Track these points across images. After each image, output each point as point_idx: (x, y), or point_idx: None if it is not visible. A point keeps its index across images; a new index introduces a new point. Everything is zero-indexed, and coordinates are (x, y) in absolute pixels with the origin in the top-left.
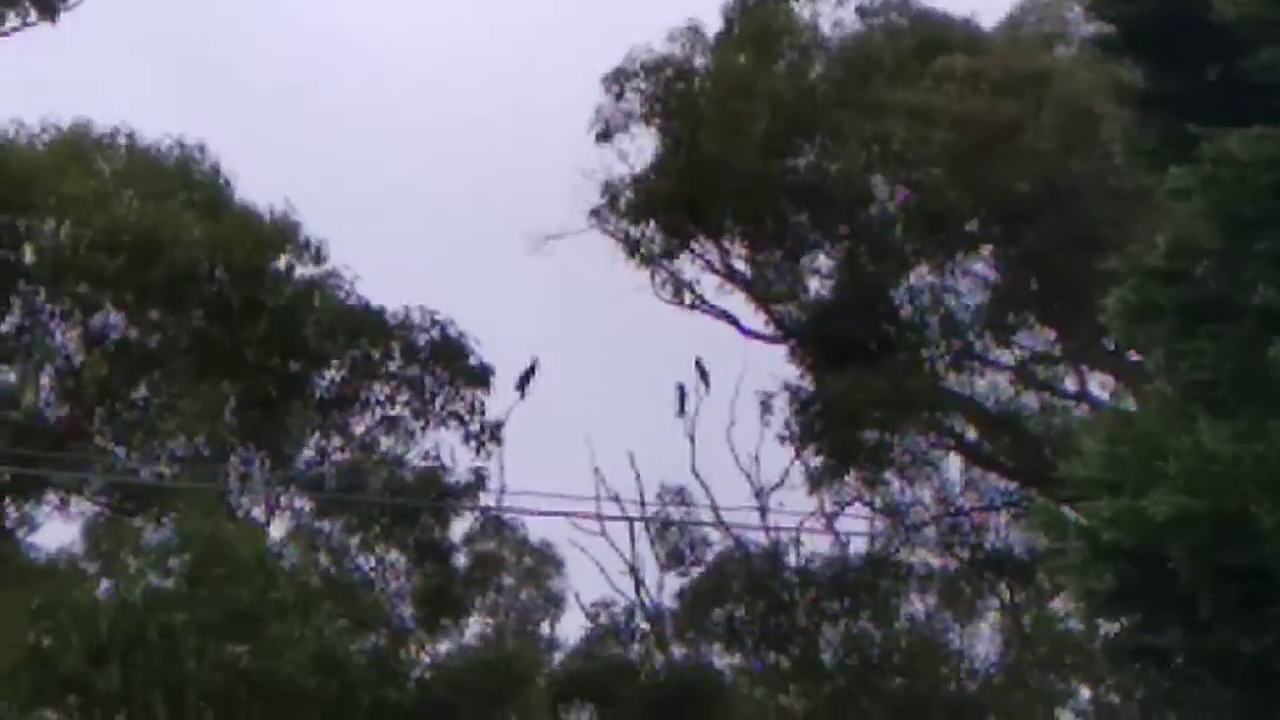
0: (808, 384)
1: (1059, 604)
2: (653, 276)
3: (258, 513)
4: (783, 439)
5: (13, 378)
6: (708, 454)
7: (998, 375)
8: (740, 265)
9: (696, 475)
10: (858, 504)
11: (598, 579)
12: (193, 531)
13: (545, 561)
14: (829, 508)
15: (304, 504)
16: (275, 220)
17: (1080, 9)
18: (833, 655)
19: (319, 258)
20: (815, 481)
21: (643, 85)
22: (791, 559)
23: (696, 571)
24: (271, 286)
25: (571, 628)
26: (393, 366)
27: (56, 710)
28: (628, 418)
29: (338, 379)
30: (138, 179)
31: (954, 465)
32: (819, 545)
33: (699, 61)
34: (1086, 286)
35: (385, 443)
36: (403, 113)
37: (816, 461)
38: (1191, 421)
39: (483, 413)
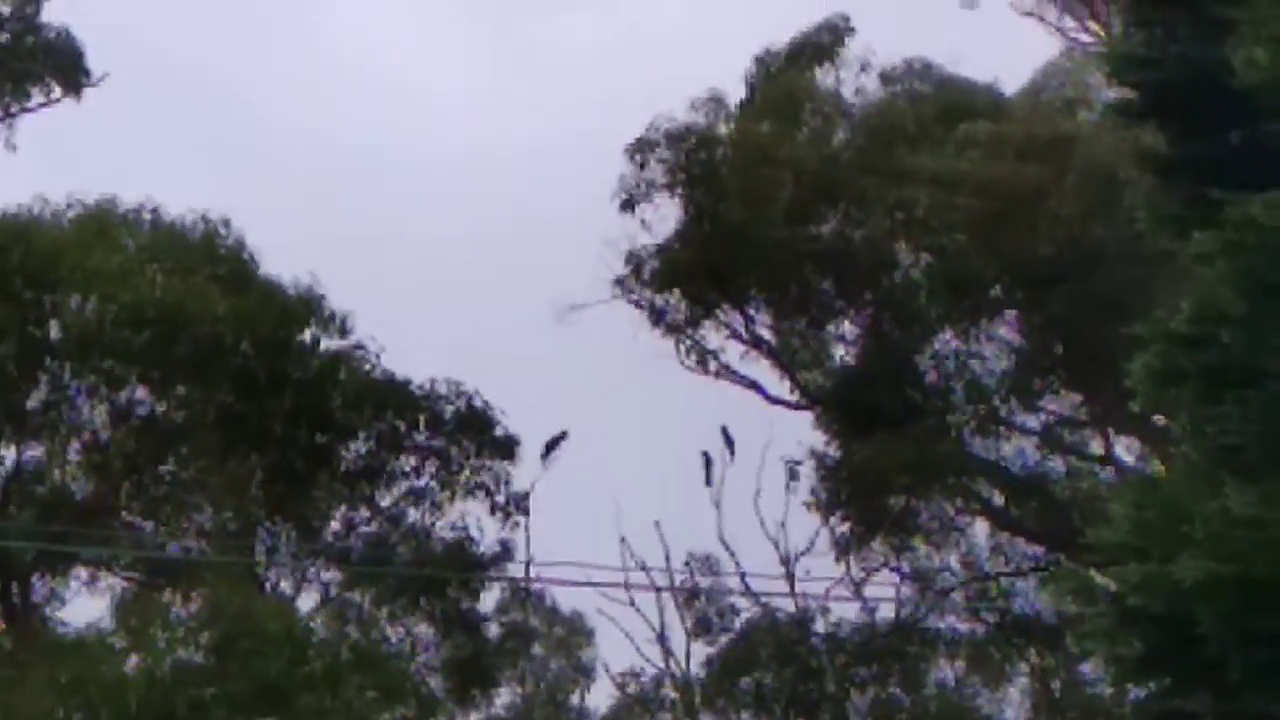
0: (833, 451)
1: (1088, 669)
2: (677, 345)
3: (286, 586)
4: (809, 506)
5: (40, 453)
6: (734, 522)
7: (1024, 440)
8: (765, 333)
9: (723, 543)
10: (885, 570)
11: (626, 648)
12: (221, 605)
13: (575, 632)
14: (856, 574)
15: (332, 576)
16: (300, 293)
17: (1102, 75)
18: None
19: (344, 330)
20: (842, 548)
21: (665, 154)
22: (819, 626)
23: (724, 639)
24: (297, 360)
25: (601, 697)
26: (419, 438)
27: None
28: (654, 487)
29: (364, 451)
30: (163, 254)
31: (981, 530)
32: (847, 612)
33: (721, 130)
34: (1111, 351)
35: (412, 514)
36: (418, 171)
37: (843, 528)
38: (1218, 486)
39: (509, 483)
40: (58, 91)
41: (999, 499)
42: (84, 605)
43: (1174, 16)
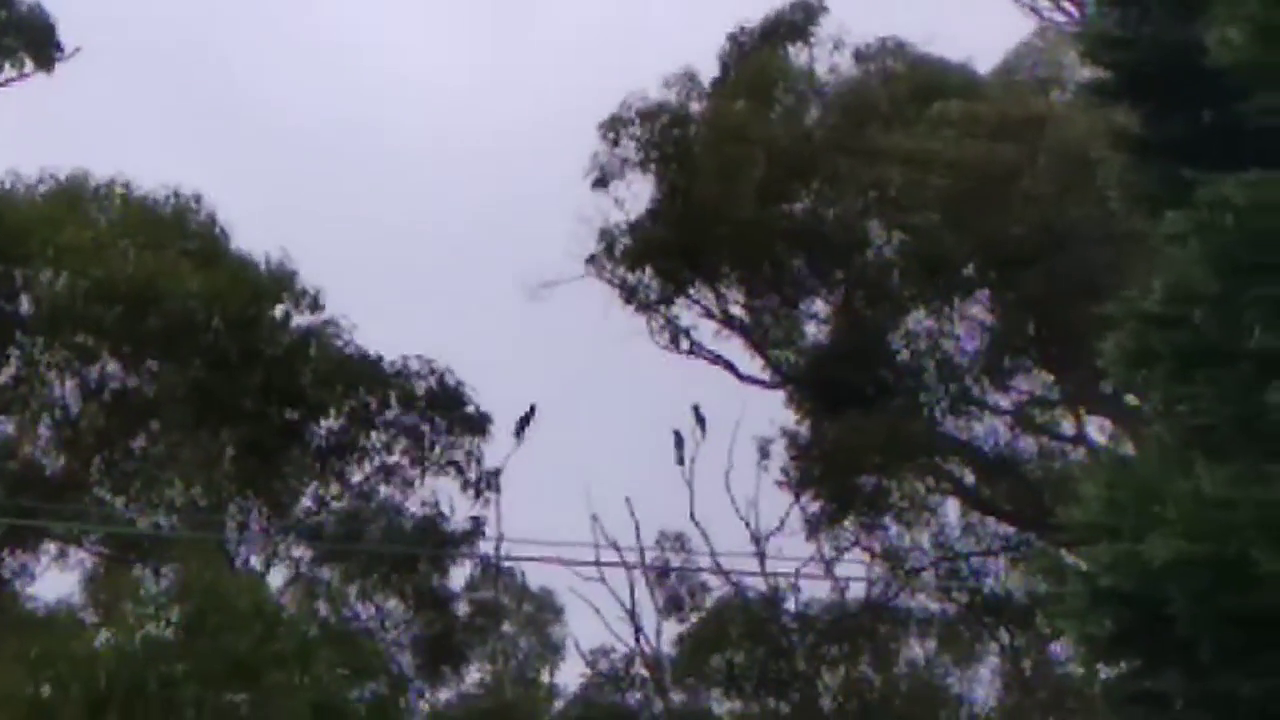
0: (805, 429)
1: (1059, 648)
2: (649, 323)
3: (256, 562)
4: (781, 484)
5: (11, 428)
6: (706, 500)
7: (996, 419)
8: (737, 311)
9: (695, 521)
10: (856, 549)
11: (597, 626)
12: (191, 581)
13: (544, 609)
14: (827, 553)
15: (302, 552)
16: (272, 269)
17: (1076, 54)
18: (832, 700)
19: (316, 306)
20: (813, 527)
21: (638, 132)
22: (790, 604)
23: (695, 617)
24: (268, 336)
25: (571, 675)
26: (390, 415)
27: None
28: (625, 464)
29: (335, 427)
30: (134, 229)
31: (952, 510)
32: (818, 590)
33: (695, 108)
34: (1084, 331)
35: (383, 491)
36: (395, 149)
37: (814, 507)
38: (1190, 466)
39: (480, 460)
40: (29, 66)
41: (970, 478)
42: (54, 580)
43: None
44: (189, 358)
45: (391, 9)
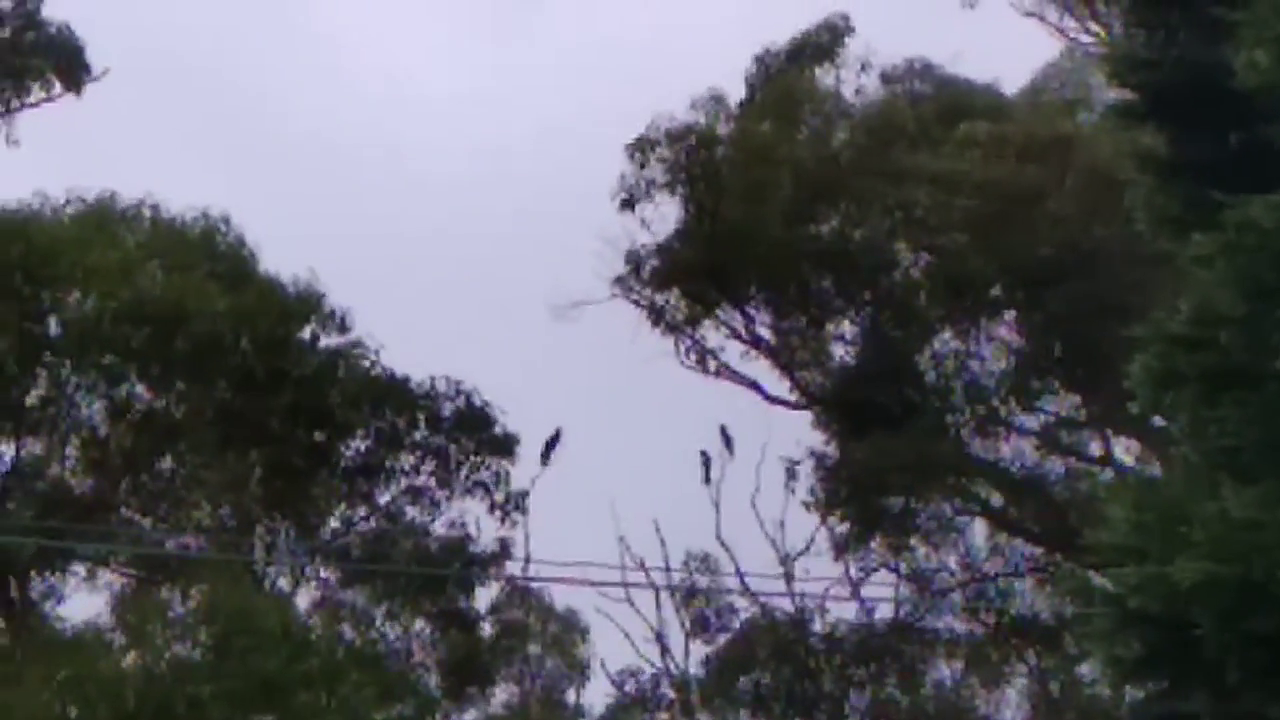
0: (832, 450)
1: (1086, 670)
2: (677, 344)
3: (284, 583)
4: (808, 505)
5: (39, 449)
6: (733, 521)
7: (1022, 441)
8: (764, 332)
9: (721, 542)
10: (883, 570)
11: (624, 647)
12: (219, 602)
13: (571, 630)
14: (854, 574)
15: (330, 574)
16: (299, 290)
17: (1102, 75)
18: None
19: (344, 327)
20: (840, 548)
21: (666, 153)
22: (817, 625)
23: (722, 639)
24: (296, 357)
25: (597, 696)
26: (418, 436)
27: None
28: (652, 485)
29: (363, 449)
30: (162, 250)
31: (979, 531)
32: (845, 611)
33: (722, 129)
34: (1110, 352)
35: (410, 512)
36: (421, 167)
37: (841, 528)
38: (1217, 488)
39: (508, 482)
40: (58, 87)
41: (998, 499)
42: (82, 602)
43: (1174, 18)
44: (216, 379)
45: (417, 26)
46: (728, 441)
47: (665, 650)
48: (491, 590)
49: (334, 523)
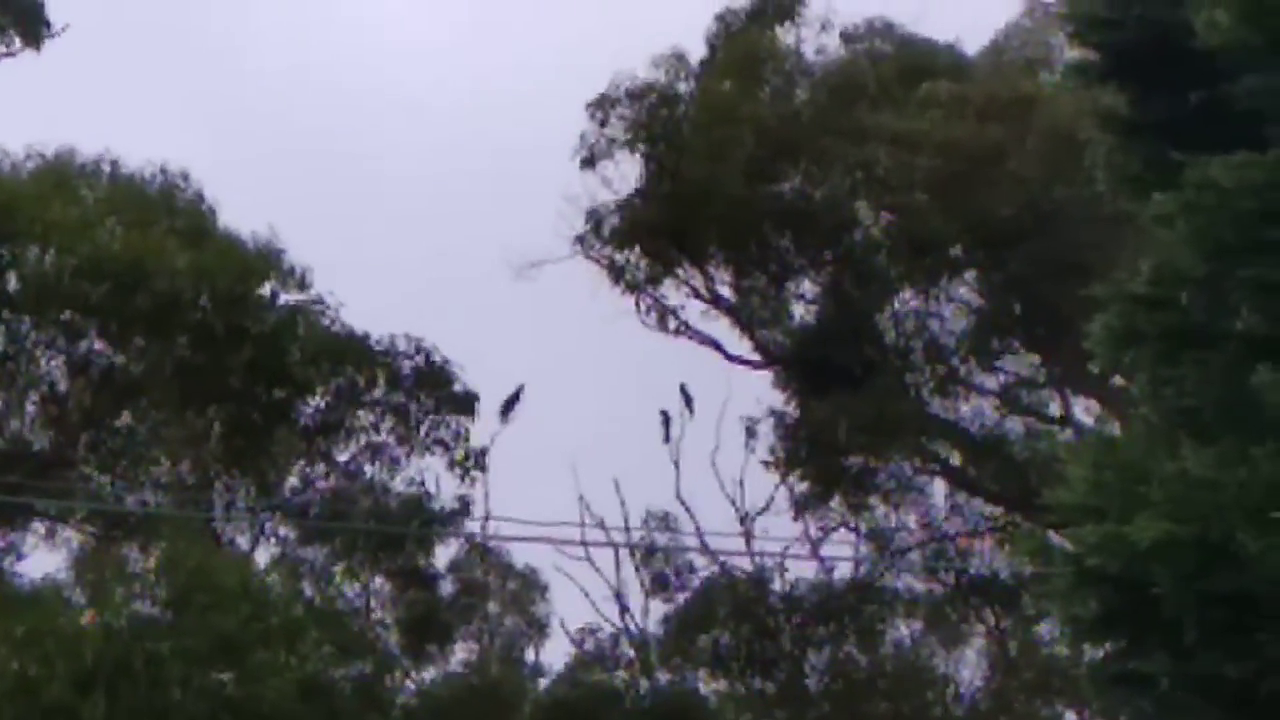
0: (792, 409)
1: (1045, 629)
2: (637, 303)
3: (242, 540)
4: (767, 464)
5: None
6: (692, 480)
7: (982, 400)
8: (725, 291)
9: (681, 501)
10: (843, 529)
11: (583, 605)
12: (178, 559)
13: (530, 588)
14: (814, 533)
15: (289, 531)
16: (259, 247)
17: (1064, 35)
18: (818, 680)
19: (303, 284)
20: (800, 507)
21: (627, 112)
22: (777, 584)
23: (682, 597)
24: (255, 314)
25: (556, 654)
26: (377, 394)
27: None
28: (612, 444)
29: (322, 406)
30: (121, 206)
31: (939, 490)
32: (804, 571)
33: (683, 88)
34: (1070, 312)
35: (370, 470)
36: (382, 127)
37: (801, 487)
38: (1176, 447)
39: (467, 440)
40: (18, 43)
41: (957, 459)
42: (41, 558)
43: None
44: (176, 335)
45: None
46: (688, 400)
47: (624, 609)
48: (451, 548)
49: (293, 480)
